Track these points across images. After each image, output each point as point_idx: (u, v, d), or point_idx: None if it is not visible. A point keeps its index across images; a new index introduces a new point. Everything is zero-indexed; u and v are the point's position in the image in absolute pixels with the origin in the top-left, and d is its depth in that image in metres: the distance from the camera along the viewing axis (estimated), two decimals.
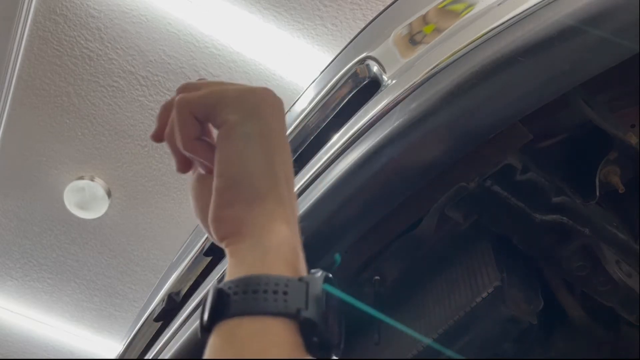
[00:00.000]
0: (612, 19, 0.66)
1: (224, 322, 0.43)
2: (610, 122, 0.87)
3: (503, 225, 0.90)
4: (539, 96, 0.72)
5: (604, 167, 0.91)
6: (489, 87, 0.71)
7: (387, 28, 0.88)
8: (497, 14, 0.74)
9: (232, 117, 0.50)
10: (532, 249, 0.93)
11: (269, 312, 0.41)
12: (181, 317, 1.07)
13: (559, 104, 0.79)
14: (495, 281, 0.96)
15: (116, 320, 3.67)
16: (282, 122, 0.53)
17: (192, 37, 2.44)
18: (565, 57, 0.68)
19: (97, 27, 2.46)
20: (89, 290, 3.51)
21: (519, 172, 0.85)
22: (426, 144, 0.75)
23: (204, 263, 1.14)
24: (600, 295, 0.95)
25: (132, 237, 3.20)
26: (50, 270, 3.43)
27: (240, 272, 0.45)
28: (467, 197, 0.87)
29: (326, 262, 0.88)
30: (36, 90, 2.67)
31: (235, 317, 0.42)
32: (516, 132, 0.80)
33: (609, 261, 0.92)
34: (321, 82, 0.94)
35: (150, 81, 2.59)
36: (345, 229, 0.84)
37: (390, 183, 0.79)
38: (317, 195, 0.83)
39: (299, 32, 2.39)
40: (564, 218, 0.90)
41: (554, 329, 1.09)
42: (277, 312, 0.41)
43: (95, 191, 2.96)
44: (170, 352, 1.05)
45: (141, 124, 2.74)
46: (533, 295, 1.01)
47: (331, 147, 0.85)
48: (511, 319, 0.95)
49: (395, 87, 0.80)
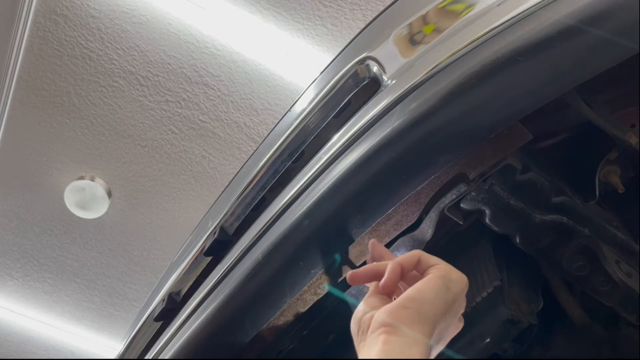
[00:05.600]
0: (612, 19, 0.66)
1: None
2: (610, 122, 0.87)
3: (503, 225, 0.90)
4: (539, 96, 0.72)
5: (604, 167, 0.91)
6: (489, 87, 0.71)
7: (387, 28, 0.88)
8: (497, 14, 0.74)
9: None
10: (532, 249, 0.93)
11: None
12: (181, 317, 1.07)
13: (559, 104, 0.79)
14: (495, 281, 0.97)
15: (116, 320, 3.67)
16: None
17: (192, 37, 2.44)
18: (565, 57, 0.68)
19: (98, 28, 2.46)
20: (89, 290, 3.51)
21: (519, 172, 0.85)
22: (426, 144, 0.75)
23: (204, 263, 1.14)
24: (600, 295, 0.95)
25: (132, 237, 3.20)
26: (50, 270, 3.43)
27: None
28: (467, 197, 0.87)
29: (327, 262, 0.88)
30: (36, 90, 2.67)
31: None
32: (516, 132, 0.80)
33: (609, 261, 0.92)
34: (321, 82, 0.94)
35: (151, 81, 2.59)
36: (346, 229, 0.84)
37: (390, 183, 0.79)
38: (317, 195, 0.83)
39: (299, 32, 2.40)
40: (564, 218, 0.90)
41: (554, 329, 1.09)
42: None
43: (96, 191, 2.96)
44: (170, 352, 1.05)
45: (141, 124, 2.74)
46: (533, 295, 1.01)
47: (331, 147, 0.85)
48: (511, 318, 0.95)
49: (395, 87, 0.80)
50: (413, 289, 0.64)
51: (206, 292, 1.01)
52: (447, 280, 0.65)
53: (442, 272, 0.66)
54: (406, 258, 0.69)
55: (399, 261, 0.69)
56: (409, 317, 0.61)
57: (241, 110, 2.65)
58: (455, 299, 0.65)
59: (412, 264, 0.69)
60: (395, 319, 0.61)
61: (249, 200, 1.03)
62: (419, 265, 0.69)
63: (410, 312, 0.61)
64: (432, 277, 0.66)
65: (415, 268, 0.69)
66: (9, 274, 3.48)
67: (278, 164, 0.98)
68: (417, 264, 0.69)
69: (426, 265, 0.68)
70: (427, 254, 0.70)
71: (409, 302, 0.62)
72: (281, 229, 0.87)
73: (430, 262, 0.68)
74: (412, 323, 0.61)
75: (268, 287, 0.91)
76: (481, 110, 0.73)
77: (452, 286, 0.65)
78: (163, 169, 2.90)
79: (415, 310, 0.61)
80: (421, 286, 0.64)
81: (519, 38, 0.70)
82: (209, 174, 2.89)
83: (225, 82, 2.56)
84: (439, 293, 0.64)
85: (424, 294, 0.63)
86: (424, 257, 0.69)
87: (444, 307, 0.63)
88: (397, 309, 0.62)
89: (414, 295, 0.63)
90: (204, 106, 2.64)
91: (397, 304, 0.63)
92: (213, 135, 2.74)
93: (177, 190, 2.97)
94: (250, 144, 2.76)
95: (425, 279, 0.65)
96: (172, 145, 2.80)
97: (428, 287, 0.64)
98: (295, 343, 1.08)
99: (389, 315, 0.62)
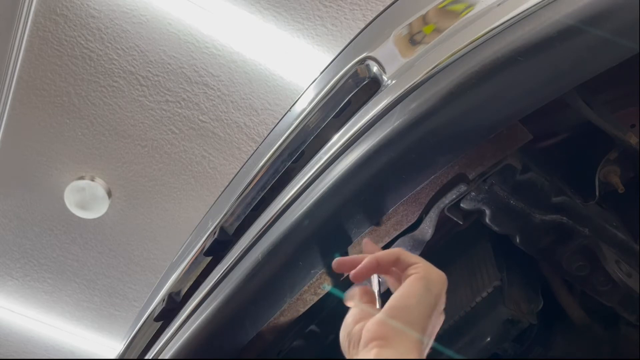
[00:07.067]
0: (612, 19, 0.66)
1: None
2: (610, 122, 0.87)
3: (503, 225, 0.90)
4: (539, 96, 0.72)
5: (603, 167, 0.91)
6: (489, 87, 0.71)
7: (387, 28, 0.88)
8: (497, 14, 0.74)
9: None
10: (532, 249, 0.93)
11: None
12: (181, 317, 1.07)
13: (559, 104, 0.79)
14: (495, 281, 0.97)
15: (116, 320, 3.67)
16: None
17: (192, 37, 2.44)
18: (565, 57, 0.68)
19: (98, 28, 2.46)
20: (89, 290, 3.51)
21: (519, 172, 0.85)
22: (426, 145, 0.75)
23: (204, 263, 1.14)
24: (600, 295, 0.95)
25: (132, 237, 3.21)
26: (51, 270, 3.43)
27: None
28: (467, 197, 0.87)
29: (327, 262, 0.88)
30: (36, 90, 2.67)
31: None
32: (516, 132, 0.80)
33: (609, 261, 0.92)
34: (321, 82, 0.94)
35: (151, 81, 2.59)
36: (346, 229, 0.84)
37: (390, 183, 0.79)
38: (317, 195, 0.83)
39: (299, 32, 2.40)
40: (564, 218, 0.90)
41: (554, 329, 1.09)
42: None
43: (96, 191, 2.96)
44: (170, 352, 1.05)
45: (141, 124, 2.74)
46: (533, 295, 1.01)
47: (331, 147, 0.85)
48: (511, 318, 0.95)
49: (395, 87, 0.80)
50: (396, 298, 0.66)
51: (206, 292, 1.01)
52: (427, 281, 0.66)
53: (421, 273, 0.67)
54: (384, 254, 0.71)
55: (376, 256, 0.71)
56: (398, 329, 0.62)
57: (241, 110, 2.65)
58: (437, 300, 0.67)
59: (389, 261, 0.70)
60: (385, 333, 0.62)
61: (249, 200, 1.03)
62: (398, 263, 0.70)
63: (399, 323, 0.63)
64: (412, 280, 0.67)
65: (395, 265, 0.70)
66: (9, 274, 3.48)
67: (278, 164, 0.98)
68: (396, 261, 0.70)
69: (405, 264, 0.69)
70: (406, 252, 0.71)
71: (395, 313, 0.64)
72: (281, 229, 0.87)
73: (409, 260, 0.69)
74: (402, 334, 0.62)
75: (268, 287, 0.91)
76: (481, 110, 0.73)
77: (432, 287, 0.66)
78: (163, 169, 2.90)
79: (403, 321, 0.63)
80: (403, 292, 0.66)
81: (519, 38, 0.70)
82: (209, 174, 2.89)
83: (225, 82, 2.56)
84: (422, 298, 0.65)
85: (408, 301, 0.65)
86: (403, 256, 0.70)
87: (428, 310, 0.65)
88: (385, 321, 0.63)
89: (399, 304, 0.65)
90: (204, 106, 2.64)
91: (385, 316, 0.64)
92: (213, 135, 2.74)
93: (177, 190, 2.97)
94: (250, 144, 2.76)
95: (406, 283, 0.67)
96: (172, 145, 2.80)
97: (411, 294, 0.65)
98: (295, 343, 1.08)
99: (378, 329, 0.63)
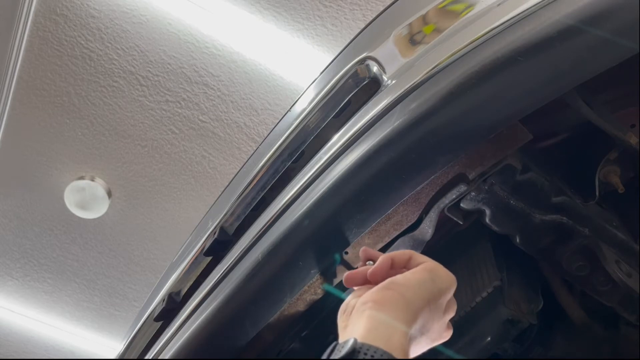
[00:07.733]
0: (612, 19, 0.66)
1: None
2: (610, 122, 0.87)
3: (503, 225, 0.90)
4: (539, 96, 0.72)
5: (604, 167, 0.91)
6: (489, 87, 0.71)
7: (387, 28, 0.88)
8: (497, 14, 0.74)
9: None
10: (532, 249, 0.93)
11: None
12: (181, 317, 1.07)
13: (559, 104, 0.79)
14: (495, 281, 0.97)
15: (116, 320, 3.67)
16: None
17: (192, 37, 2.44)
18: (565, 57, 0.68)
19: (98, 28, 2.46)
20: (89, 290, 3.51)
21: (519, 172, 0.85)
22: (426, 145, 0.75)
23: (204, 263, 1.14)
24: (600, 295, 0.95)
25: (132, 237, 3.20)
26: (51, 270, 3.43)
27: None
28: (467, 197, 0.87)
29: (326, 262, 0.88)
30: (36, 90, 2.67)
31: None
32: (516, 132, 0.80)
33: (609, 261, 0.92)
34: (321, 82, 0.94)
35: (151, 81, 2.59)
36: (346, 229, 0.84)
37: (390, 183, 0.79)
38: (317, 195, 0.83)
39: (299, 32, 2.39)
40: (564, 218, 0.90)
41: (554, 329, 1.09)
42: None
43: (96, 191, 2.96)
44: (170, 352, 1.05)
45: (141, 124, 2.74)
46: (533, 295, 1.01)
47: (331, 147, 0.85)
48: (511, 318, 0.95)
49: (395, 87, 0.80)
50: (399, 275, 0.68)
51: (206, 292, 1.01)
52: (433, 274, 0.69)
53: (429, 266, 0.70)
54: (398, 253, 0.73)
55: (390, 255, 0.73)
56: (393, 298, 0.64)
57: (241, 110, 2.65)
58: (440, 293, 0.68)
59: (403, 260, 0.73)
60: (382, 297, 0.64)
61: (249, 200, 1.03)
62: (409, 262, 0.72)
63: (394, 293, 0.65)
64: (419, 268, 0.70)
65: (406, 266, 0.72)
66: (9, 274, 3.48)
67: (278, 164, 0.98)
68: (408, 261, 0.72)
69: (416, 262, 0.72)
70: (419, 254, 0.74)
71: (392, 285, 0.66)
72: (281, 229, 0.87)
73: (420, 260, 0.72)
74: (395, 304, 0.64)
75: (268, 287, 0.91)
76: (481, 110, 0.73)
77: (437, 280, 0.69)
78: (163, 169, 2.89)
79: (398, 293, 0.65)
80: (407, 274, 0.68)
81: (519, 38, 0.70)
82: (209, 174, 2.89)
83: (225, 82, 2.56)
84: (423, 283, 0.67)
85: (409, 281, 0.67)
86: (415, 256, 0.73)
87: (427, 296, 0.66)
88: (381, 289, 0.66)
89: (399, 280, 0.67)
90: (204, 106, 2.64)
91: (382, 285, 0.66)
92: (213, 135, 2.74)
93: (177, 190, 2.97)
94: (250, 144, 2.76)
95: (413, 269, 0.70)
96: (172, 145, 2.80)
97: (413, 276, 0.68)
98: (295, 343, 1.08)
99: (375, 293, 0.65)
